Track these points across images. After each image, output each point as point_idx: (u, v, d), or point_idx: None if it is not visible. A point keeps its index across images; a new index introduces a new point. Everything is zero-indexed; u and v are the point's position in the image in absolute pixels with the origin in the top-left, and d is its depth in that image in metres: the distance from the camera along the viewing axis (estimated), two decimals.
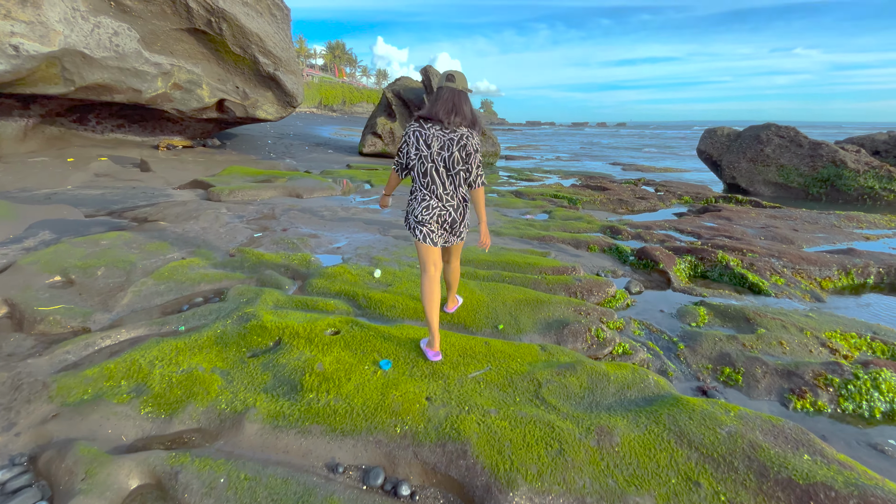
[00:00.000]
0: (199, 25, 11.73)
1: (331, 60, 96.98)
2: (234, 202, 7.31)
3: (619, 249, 5.56)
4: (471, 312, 3.45)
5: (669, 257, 5.11)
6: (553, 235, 6.00)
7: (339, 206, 7.19)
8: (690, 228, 6.58)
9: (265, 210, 6.49)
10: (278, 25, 13.17)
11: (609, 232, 6.49)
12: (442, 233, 2.64)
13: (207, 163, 11.86)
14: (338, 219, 6.31)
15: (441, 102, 2.50)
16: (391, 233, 5.76)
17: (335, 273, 3.95)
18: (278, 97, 13.71)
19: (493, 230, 6.22)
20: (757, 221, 7.45)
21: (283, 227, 5.54)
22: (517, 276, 4.31)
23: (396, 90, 17.64)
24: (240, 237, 4.98)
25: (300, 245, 4.76)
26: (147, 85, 11.31)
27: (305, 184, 8.80)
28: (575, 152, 29.48)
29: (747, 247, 5.56)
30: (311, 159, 15.36)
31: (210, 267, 3.98)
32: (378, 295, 3.55)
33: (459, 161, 2.50)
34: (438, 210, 2.56)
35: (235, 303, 3.26)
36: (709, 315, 3.90)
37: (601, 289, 4.17)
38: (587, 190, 10.53)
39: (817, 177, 11.38)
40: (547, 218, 7.45)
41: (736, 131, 13.42)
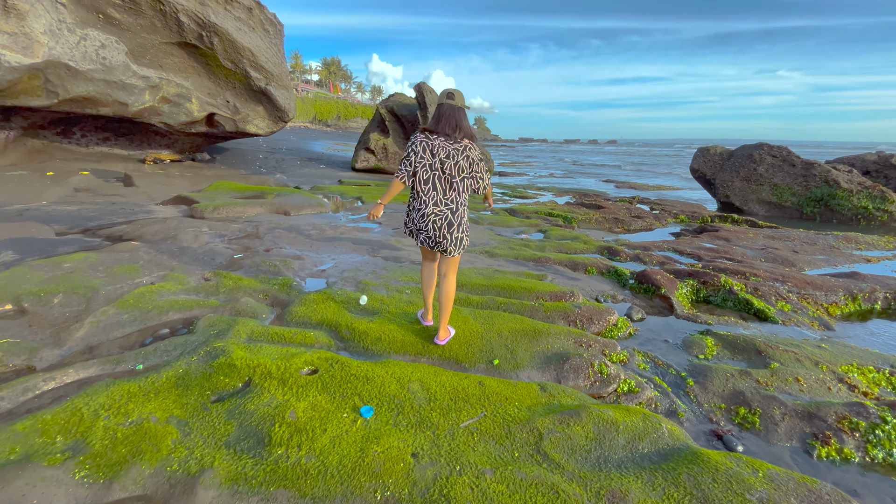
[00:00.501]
0: (189, 39, 11.59)
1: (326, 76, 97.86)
2: (218, 219, 7.01)
3: (618, 272, 5.35)
4: (464, 345, 3.18)
5: (671, 281, 4.90)
6: (549, 257, 5.78)
7: (327, 225, 6.93)
8: (690, 250, 6.40)
9: (249, 229, 6.20)
10: (271, 40, 13.08)
11: (607, 253, 6.28)
12: (439, 238, 2.81)
13: (195, 177, 11.57)
14: (325, 238, 6.04)
15: (442, 119, 2.74)
16: (380, 253, 5.50)
17: (318, 300, 3.67)
18: (269, 112, 13.54)
19: (487, 250, 5.98)
20: (755, 242, 7.31)
21: (266, 248, 5.25)
22: (513, 303, 4.06)
23: (390, 106, 17.59)
24: (219, 258, 4.68)
25: (282, 268, 4.47)
26: (134, 98, 11.07)
27: (294, 200, 8.54)
28: (568, 169, 29.62)
29: (750, 270, 5.37)
30: (302, 174, 15.13)
31: (182, 293, 3.67)
32: (363, 325, 3.27)
33: (464, 169, 2.76)
34: (433, 217, 2.75)
35: (204, 335, 2.96)
36: (717, 346, 3.66)
37: (602, 317, 3.92)
38: (582, 208, 10.38)
39: (811, 196, 11.36)
40: (542, 237, 7.24)
41: (729, 150, 13.46)
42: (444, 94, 2.78)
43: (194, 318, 3.29)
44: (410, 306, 3.72)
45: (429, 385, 2.53)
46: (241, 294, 3.77)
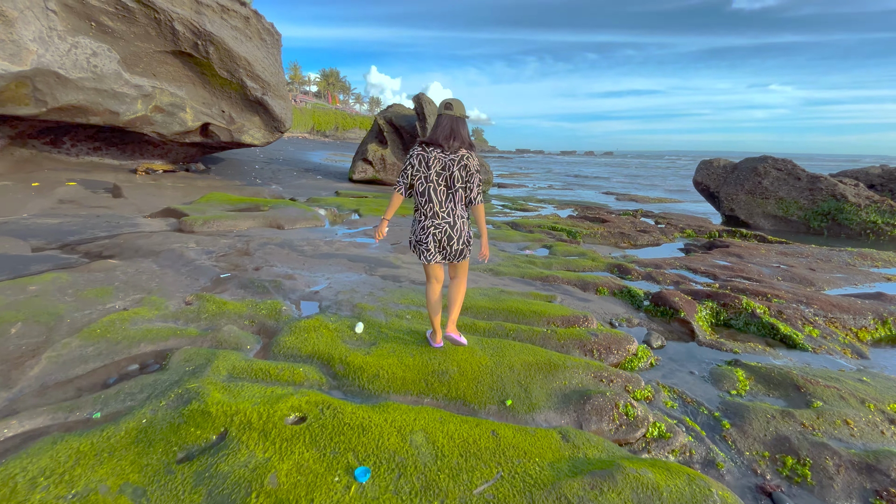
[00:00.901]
0: (184, 48, 11.36)
1: (324, 87, 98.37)
2: (207, 234, 6.67)
3: (631, 293, 5.02)
4: (472, 382, 2.83)
5: (690, 304, 4.58)
6: (557, 275, 5.45)
7: (322, 240, 6.59)
8: (704, 268, 6.09)
9: (239, 244, 5.85)
10: (268, 50, 12.88)
11: (617, 271, 5.96)
12: (440, 250, 2.81)
13: (187, 188, 11.25)
14: (319, 255, 5.70)
15: (440, 129, 2.73)
16: (378, 272, 5.16)
17: (309, 327, 3.32)
18: (266, 122, 13.28)
19: (491, 268, 5.66)
20: (769, 259, 7.02)
21: (255, 266, 4.91)
22: (523, 330, 3.72)
23: (388, 117, 17.40)
24: (203, 279, 4.33)
25: (272, 289, 4.12)
26: (126, 107, 10.78)
27: (288, 213, 8.21)
28: (566, 181, 29.49)
29: (771, 291, 5.06)
30: (298, 186, 14.83)
31: (158, 320, 3.31)
32: (359, 359, 2.92)
33: (460, 179, 2.73)
34: (433, 230, 2.76)
35: (178, 372, 2.60)
36: (749, 379, 3.33)
37: (621, 346, 3.59)
38: (586, 222, 10.10)
39: (818, 210, 11.14)
40: (547, 254, 6.92)
41: (732, 163, 13.28)
42: (443, 104, 2.78)
43: (169, 350, 2.93)
44: (411, 335, 3.38)
45: (434, 436, 2.18)
46: (224, 321, 3.42)
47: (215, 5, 11.37)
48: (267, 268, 4.88)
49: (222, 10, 11.53)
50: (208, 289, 4.09)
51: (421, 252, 2.83)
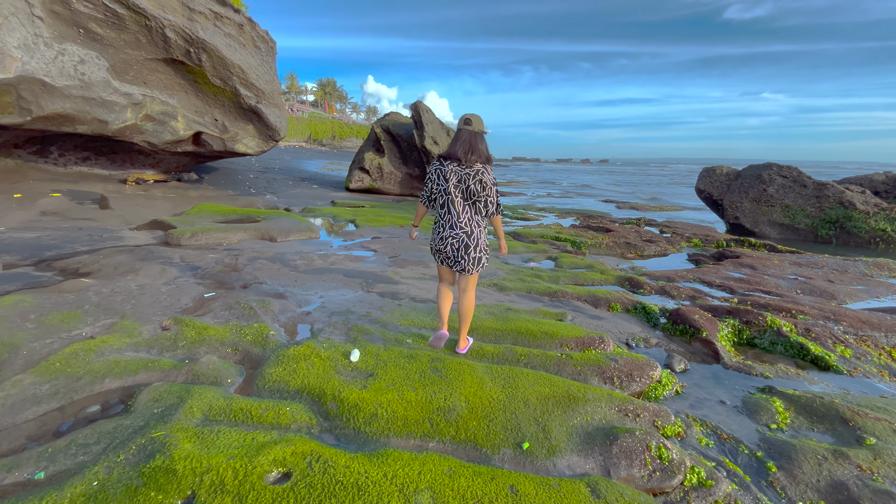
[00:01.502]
0: (176, 56, 11.09)
1: (321, 97, 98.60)
2: (195, 247, 6.32)
3: (645, 309, 4.71)
4: (483, 420, 2.49)
5: (711, 322, 4.26)
6: (566, 290, 5.13)
7: (316, 253, 6.26)
8: (719, 281, 5.79)
9: (227, 259, 5.51)
10: (262, 58, 12.64)
11: (628, 285, 5.65)
12: (457, 258, 2.94)
13: (178, 199, 10.90)
14: (313, 270, 5.36)
15: (459, 143, 2.83)
16: (376, 288, 4.82)
17: (298, 356, 2.97)
18: (260, 131, 13.00)
19: (496, 283, 5.33)
20: (784, 270, 6.73)
21: (244, 283, 4.56)
22: (534, 354, 3.38)
23: (385, 125, 17.17)
24: (185, 299, 3.98)
25: (259, 310, 3.77)
26: (115, 116, 10.47)
27: (281, 225, 7.88)
28: (564, 188, 29.32)
29: (794, 306, 4.76)
30: (293, 195, 14.51)
31: (129, 349, 2.96)
32: (354, 395, 2.58)
33: (475, 192, 2.83)
34: (452, 240, 2.89)
35: (144, 416, 2.25)
36: (788, 411, 3.00)
37: (643, 372, 3.26)
38: (589, 231, 9.81)
39: (825, 218, 10.91)
40: (553, 266, 6.61)
41: (735, 170, 13.07)
42: (463, 119, 2.88)
43: (138, 386, 2.58)
44: (414, 362, 3.04)
45: (444, 496, 1.84)
46: (204, 349, 3.07)
47: (208, 12, 11.13)
48: (256, 285, 4.54)
49: (215, 17, 11.29)
50: (190, 311, 3.74)
51: (437, 257, 3.05)
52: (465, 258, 2.92)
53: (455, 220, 2.88)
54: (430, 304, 4.47)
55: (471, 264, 2.94)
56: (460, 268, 2.97)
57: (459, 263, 2.95)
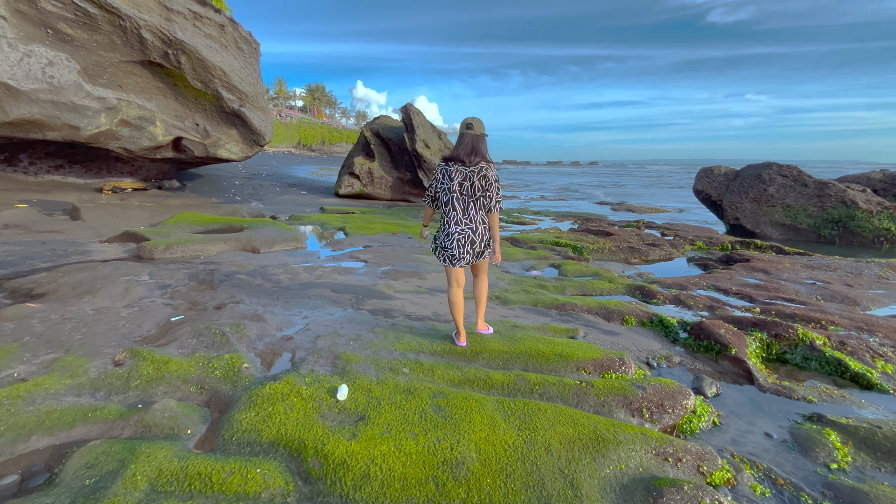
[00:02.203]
0: (154, 58, 10.56)
1: (310, 102, 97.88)
2: (169, 261, 5.81)
3: (663, 322, 4.30)
4: (498, 475, 2.05)
5: (739, 337, 3.87)
6: (574, 303, 4.72)
7: (301, 266, 5.78)
8: (735, 288, 5.42)
9: (202, 275, 5.01)
10: (245, 60, 12.14)
11: (639, 294, 5.25)
12: (462, 254, 3.06)
13: (156, 208, 10.33)
14: (297, 285, 4.88)
15: (463, 146, 3.02)
16: (366, 305, 4.36)
17: (275, 396, 2.51)
18: (244, 135, 12.47)
19: (498, 296, 4.90)
20: (798, 274, 6.40)
21: (217, 304, 4.07)
22: (549, 383, 2.95)
23: (375, 129, 16.73)
24: (147, 325, 3.49)
25: (233, 337, 3.29)
26: (87, 121, 9.89)
27: (265, 235, 7.38)
28: (557, 191, 29.09)
29: (822, 315, 4.39)
30: (280, 202, 13.98)
31: (69, 393, 2.47)
32: (341, 448, 2.12)
33: (479, 189, 2.99)
34: (457, 235, 3.03)
35: (71, 490, 1.77)
36: (846, 445, 2.60)
37: (675, 401, 2.84)
38: (590, 235, 9.44)
39: (828, 218, 10.67)
40: (557, 274, 6.20)
41: (734, 170, 12.84)
42: (465, 124, 3.08)
43: (73, 444, 2.09)
44: (412, 399, 2.59)
45: None
46: (162, 389, 2.58)
47: (187, 12, 10.62)
48: (231, 305, 4.05)
49: (195, 17, 10.78)
50: (151, 339, 3.24)
51: (446, 257, 3.14)
52: (469, 252, 3.07)
53: (459, 217, 3.04)
54: (428, 321, 4.03)
55: (475, 258, 3.11)
56: (465, 263, 3.10)
57: (465, 258, 3.08)
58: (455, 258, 3.07)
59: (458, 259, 3.06)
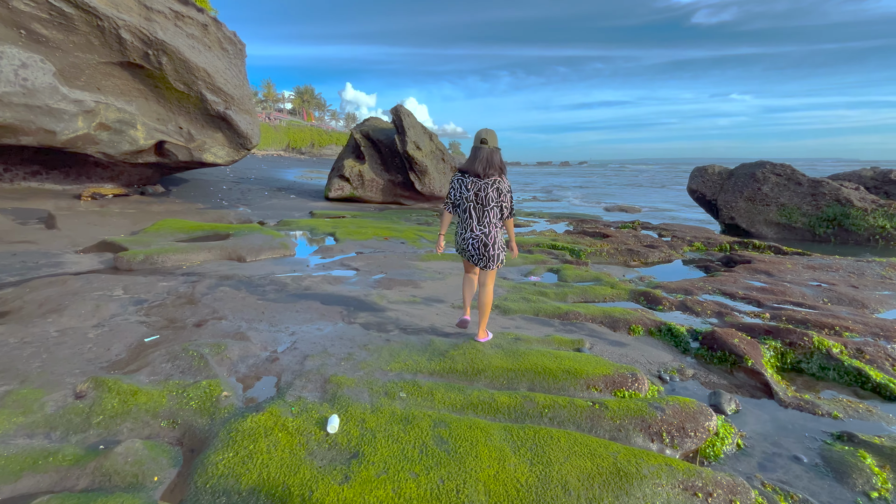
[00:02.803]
0: (134, 59, 10.16)
1: (299, 104, 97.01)
2: (148, 272, 5.48)
3: (672, 331, 4.10)
4: None
5: (753, 347, 3.67)
6: (578, 311, 4.50)
7: (289, 275, 5.49)
8: (742, 292, 5.24)
9: (183, 287, 4.70)
10: (230, 61, 11.79)
11: (643, 300, 5.05)
12: (478, 257, 3.35)
13: (138, 215, 9.94)
14: (285, 297, 4.59)
15: (479, 160, 3.25)
16: (359, 318, 4.10)
17: (257, 431, 2.23)
18: (230, 139, 12.11)
19: (498, 305, 4.66)
20: (801, 275, 6.25)
21: (197, 321, 3.77)
22: (559, 405, 2.71)
23: (365, 131, 16.44)
24: (117, 347, 3.18)
25: (212, 360, 3.00)
26: (64, 125, 9.48)
27: (251, 242, 7.06)
28: (550, 192, 29.01)
29: (835, 321, 4.22)
30: (269, 206, 13.62)
31: (20, 433, 2.16)
32: (332, 495, 1.86)
33: (493, 199, 3.26)
34: (472, 239, 3.34)
35: None
36: (883, 468, 2.39)
37: (696, 422, 2.62)
38: (586, 237, 9.26)
39: (822, 216, 10.63)
40: (557, 280, 5.98)
41: (728, 169, 12.77)
42: (479, 138, 3.29)
43: (18, 501, 1.80)
44: (411, 429, 2.33)
45: None
46: (128, 425, 2.29)
47: (168, 11, 10.26)
48: (213, 322, 3.75)
49: (176, 16, 10.42)
50: (120, 364, 2.94)
51: (463, 254, 3.44)
52: (485, 255, 3.31)
53: (475, 224, 3.30)
54: (425, 335, 3.77)
55: (490, 261, 3.33)
56: (483, 264, 3.37)
57: (482, 260, 3.34)
58: (473, 258, 3.37)
59: (477, 260, 3.37)
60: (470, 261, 3.41)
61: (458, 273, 6.03)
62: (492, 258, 3.32)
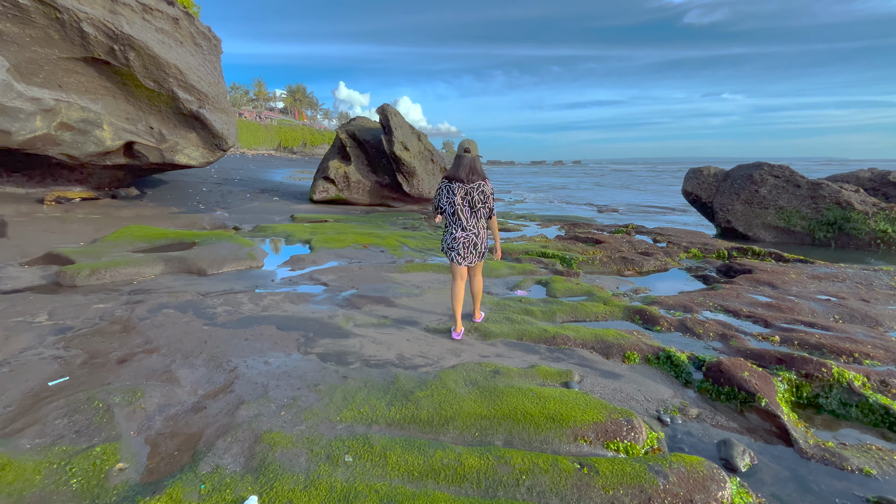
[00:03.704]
0: (98, 54, 9.54)
1: (291, 103, 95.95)
2: (93, 289, 4.93)
3: (672, 360, 3.63)
4: None
5: (765, 381, 3.20)
6: (566, 334, 4.02)
7: (248, 292, 4.96)
8: (746, 309, 4.79)
9: (121, 309, 4.15)
10: (204, 57, 11.18)
11: (639, 320, 4.59)
12: (466, 254, 3.71)
13: (103, 221, 9.33)
14: (237, 321, 4.07)
15: (462, 168, 3.60)
16: (317, 347, 3.59)
17: None
18: (204, 139, 11.51)
19: (477, 327, 4.17)
20: (807, 287, 5.83)
21: (122, 355, 3.23)
22: (540, 469, 2.22)
23: (351, 131, 15.88)
24: (10, 395, 2.64)
25: (120, 412, 2.47)
26: (20, 125, 8.84)
27: (216, 252, 6.52)
28: (543, 192, 28.60)
29: (854, 346, 3.77)
30: (248, 210, 13.04)
31: None
32: None
33: (479, 202, 3.63)
34: (462, 239, 3.67)
35: None
36: None
37: (707, 492, 2.15)
38: (578, 244, 8.80)
39: (822, 220, 10.25)
40: (545, 295, 5.50)
41: (723, 171, 12.38)
42: (462, 147, 3.68)
43: None
44: None
45: None
46: None
47: (135, 4, 9.65)
48: (141, 357, 3.22)
49: (144, 9, 9.80)
50: (5, 421, 2.40)
51: (453, 257, 3.72)
52: (473, 252, 3.69)
53: (464, 225, 3.63)
54: (390, 369, 3.28)
55: (478, 258, 3.75)
56: (471, 261, 3.72)
57: (471, 257, 3.70)
58: (461, 257, 3.69)
59: (464, 258, 3.70)
60: (460, 261, 3.70)
61: (437, 287, 5.53)
62: (479, 255, 3.74)
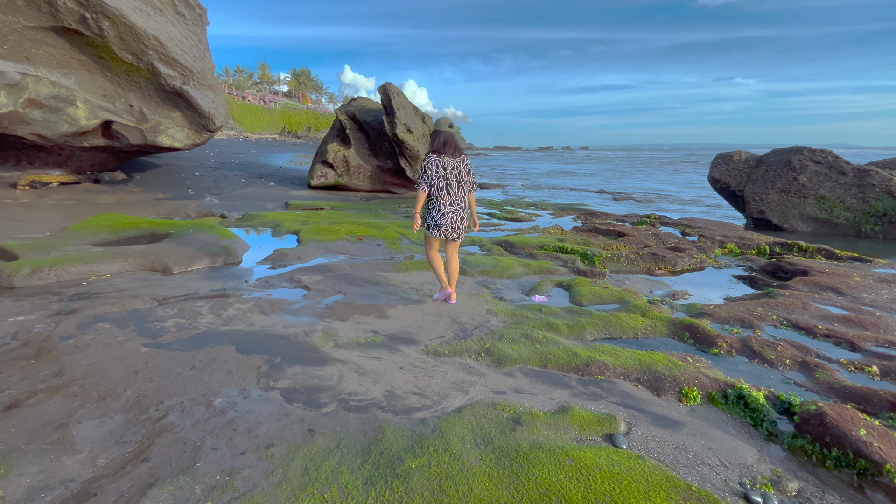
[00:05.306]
0: (69, 23, 8.62)
1: (295, 87, 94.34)
2: (32, 291, 4.14)
3: (745, 401, 2.76)
4: None
5: (889, 443, 2.33)
6: (604, 361, 3.15)
7: (211, 298, 4.14)
8: (820, 325, 3.89)
9: (41, 325, 3.34)
10: (188, 28, 10.22)
11: (690, 339, 3.71)
12: (451, 229, 3.83)
13: (76, 207, 8.54)
14: (186, 341, 3.24)
15: (449, 143, 3.78)
16: (283, 379, 2.76)
17: None
18: (189, 119, 10.61)
19: (487, 347, 3.32)
20: (878, 293, 4.90)
21: (14, 397, 2.42)
22: None
23: (351, 112, 14.88)
24: None
25: None
26: None
27: (188, 246, 5.69)
28: (553, 179, 27.47)
29: None
30: (241, 196, 12.20)
31: None
32: None
33: (464, 176, 3.84)
34: (451, 214, 3.78)
35: None
36: None
37: None
38: (598, 236, 7.88)
39: (870, 211, 9.21)
40: (569, 302, 4.62)
41: (756, 156, 11.31)
42: (446, 123, 3.85)
43: None
44: None
45: None
46: None
47: None
48: (39, 399, 2.40)
49: None
50: None
51: (439, 231, 3.85)
52: (459, 227, 3.87)
53: (453, 199, 3.79)
54: (375, 413, 2.45)
55: (462, 233, 3.90)
56: (456, 236, 3.89)
57: (456, 232, 3.86)
58: (448, 231, 3.81)
59: (451, 232, 3.82)
60: (445, 236, 3.84)
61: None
62: (464, 230, 3.90)
